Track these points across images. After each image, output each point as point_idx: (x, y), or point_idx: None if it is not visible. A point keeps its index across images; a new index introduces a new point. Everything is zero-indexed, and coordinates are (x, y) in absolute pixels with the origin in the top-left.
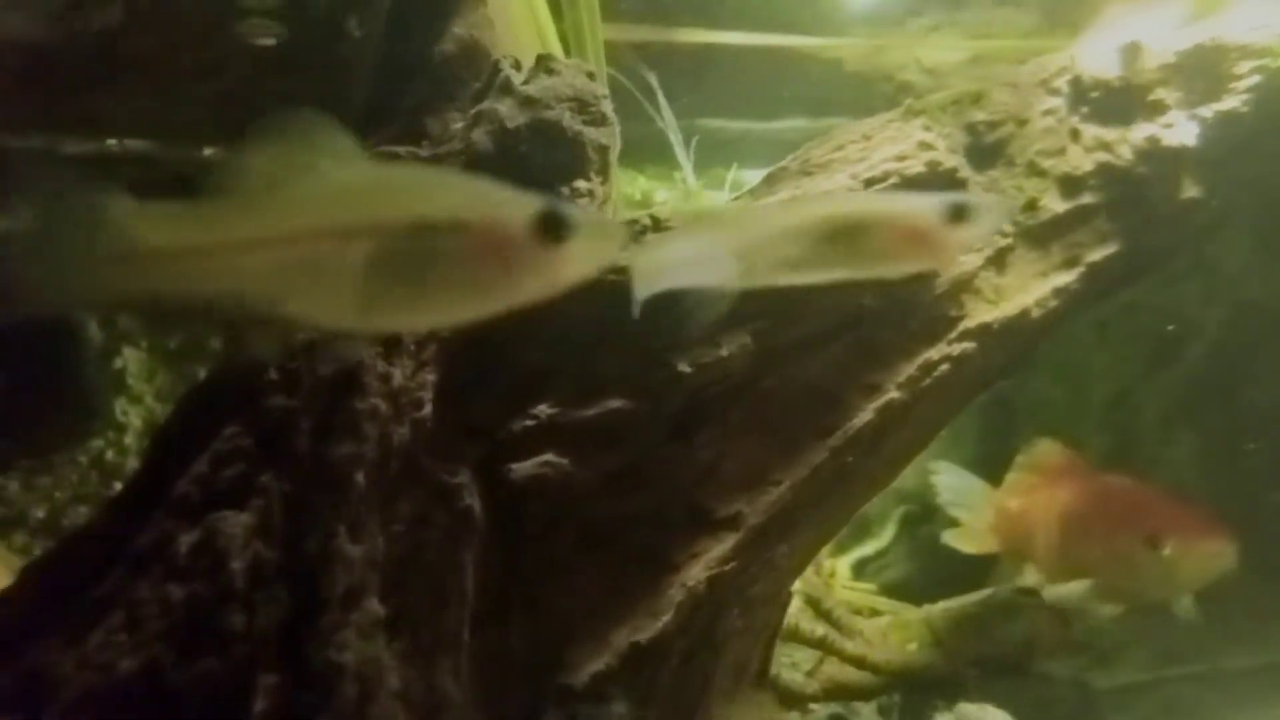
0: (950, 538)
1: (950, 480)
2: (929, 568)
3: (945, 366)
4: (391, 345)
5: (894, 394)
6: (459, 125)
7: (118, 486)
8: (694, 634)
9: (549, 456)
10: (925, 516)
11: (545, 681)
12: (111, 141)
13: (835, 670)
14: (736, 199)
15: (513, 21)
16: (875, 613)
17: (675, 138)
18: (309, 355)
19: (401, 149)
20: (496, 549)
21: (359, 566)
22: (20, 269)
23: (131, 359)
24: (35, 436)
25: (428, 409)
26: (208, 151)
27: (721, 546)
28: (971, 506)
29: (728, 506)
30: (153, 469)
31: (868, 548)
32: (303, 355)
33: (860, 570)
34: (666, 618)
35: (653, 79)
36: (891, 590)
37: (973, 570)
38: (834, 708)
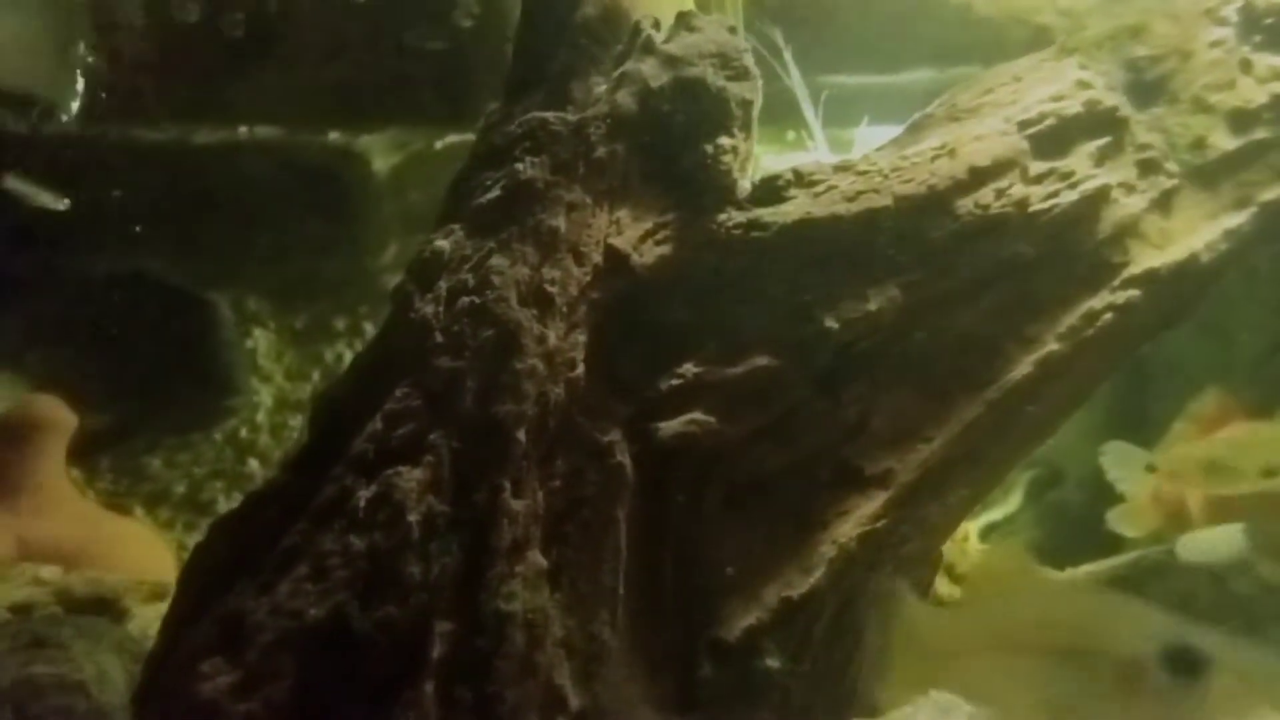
0: (1115, 519)
1: (1118, 456)
2: (1056, 533)
3: (1109, 316)
4: (545, 306)
5: (1054, 346)
6: (602, 88)
7: (252, 462)
8: (846, 590)
9: (696, 415)
10: (1053, 481)
11: (697, 634)
12: (242, 129)
13: None
14: (879, 150)
15: None
16: None
17: (803, 96)
18: (472, 317)
19: (551, 116)
20: (646, 505)
21: (523, 520)
22: None
23: (261, 339)
24: (180, 415)
25: (580, 369)
26: (331, 136)
27: (872, 504)
28: (1138, 479)
29: (877, 464)
30: (325, 430)
31: (995, 513)
32: (466, 318)
33: (987, 536)
34: (818, 574)
35: (778, 35)
36: None
37: (1101, 535)
38: None
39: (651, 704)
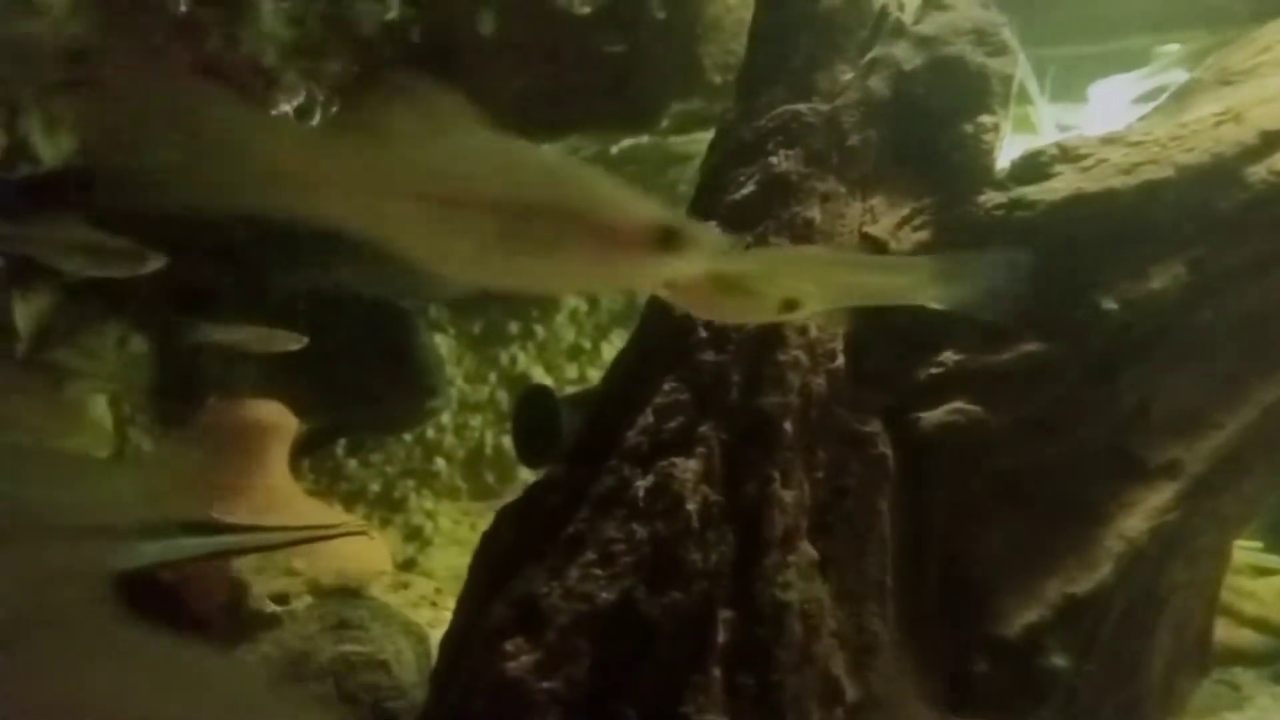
0: None
1: None
2: None
3: None
4: None
5: None
6: (849, 76)
7: (439, 461)
8: (1134, 588)
9: (959, 404)
10: None
11: (969, 630)
12: None
13: (1225, 634)
14: (1146, 120)
15: None
16: (1266, 571)
17: (1027, 72)
18: None
19: (804, 107)
20: (906, 497)
21: (792, 510)
22: None
23: (442, 344)
24: (387, 418)
25: (840, 359)
26: None
27: (1160, 496)
28: None
29: (1162, 452)
30: (595, 424)
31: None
32: None
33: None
34: (1105, 570)
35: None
36: None
37: None
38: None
39: (924, 699)
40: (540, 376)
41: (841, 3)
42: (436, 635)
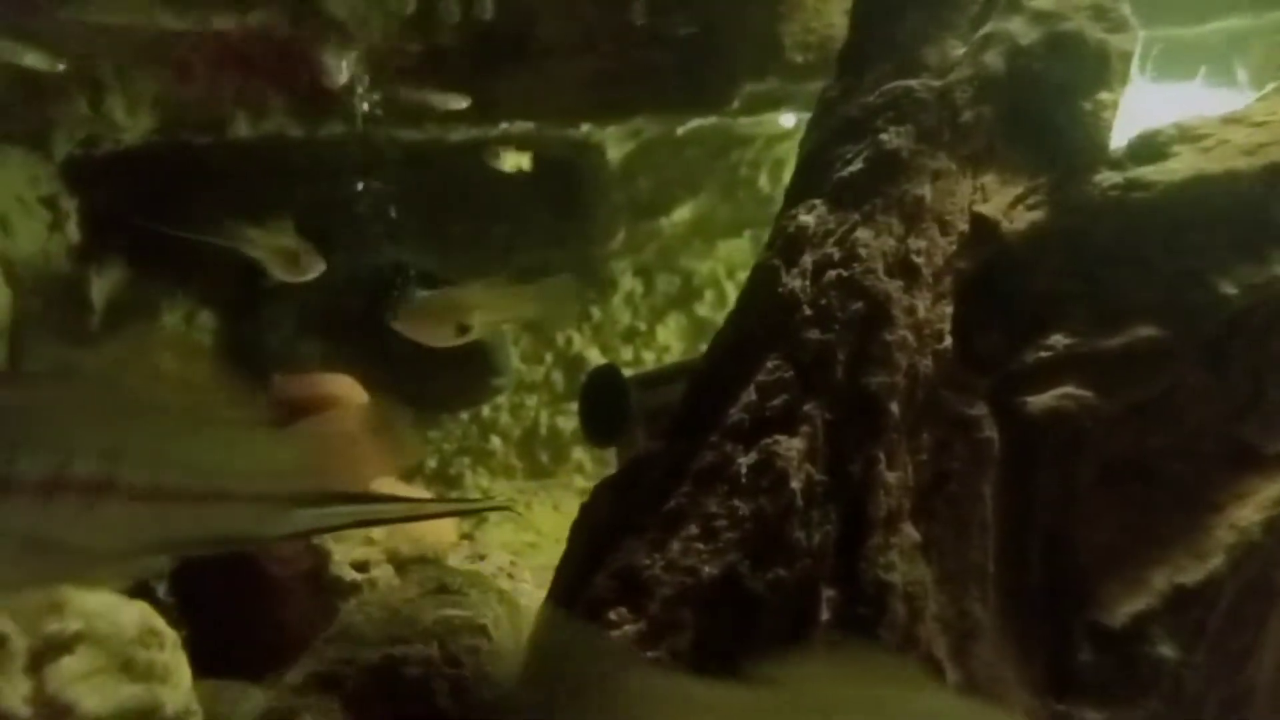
0: None
1: None
2: None
3: None
4: (912, 277)
5: None
6: (960, 52)
7: (494, 439)
8: (1246, 579)
9: (1069, 389)
10: None
11: (1071, 617)
12: (504, 125)
13: None
14: (1264, 100)
15: None
16: None
17: None
18: (839, 290)
19: (915, 83)
20: (1010, 481)
21: (896, 492)
22: None
23: None
24: (454, 394)
25: (947, 341)
26: (584, 128)
27: (1275, 486)
28: None
29: (1278, 442)
30: (695, 400)
31: None
32: (833, 291)
33: None
34: (1215, 560)
35: None
36: None
37: None
38: None
39: (1025, 686)
40: (596, 358)
41: None
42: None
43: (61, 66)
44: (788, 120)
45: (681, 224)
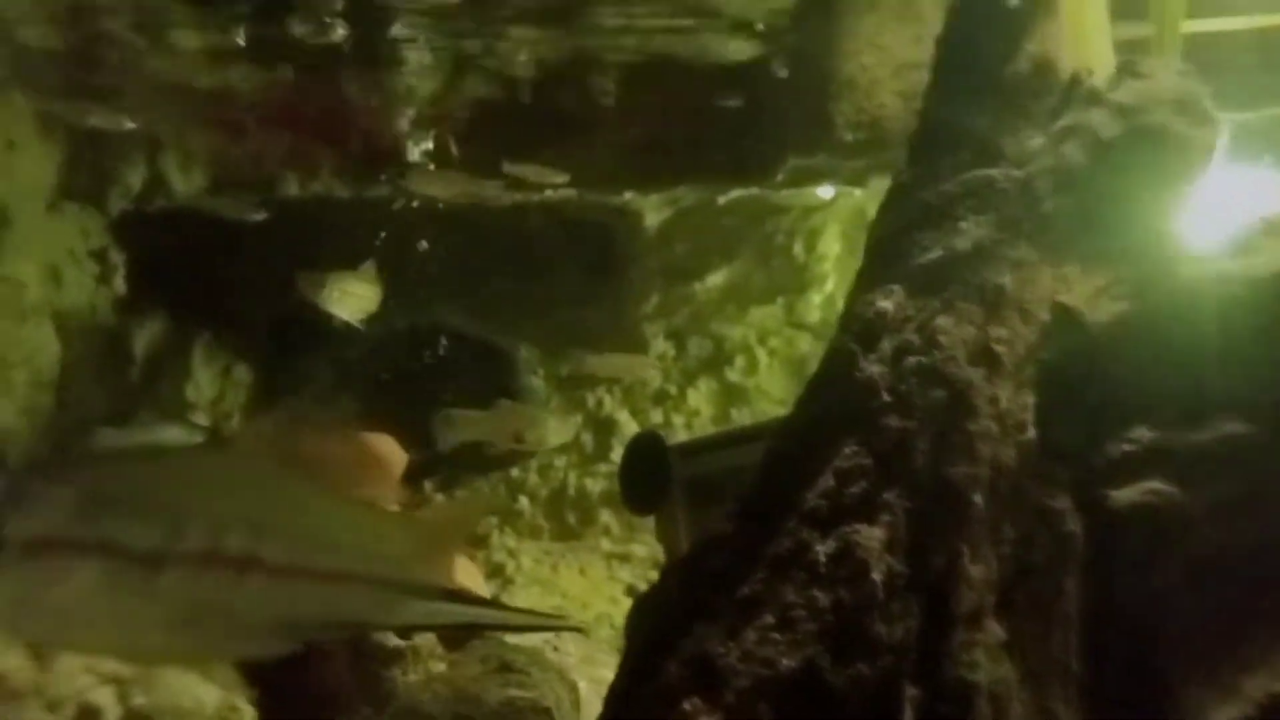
0: None
1: None
2: None
3: None
4: (993, 366)
5: None
6: (1037, 142)
7: (522, 499)
8: None
9: (1154, 484)
10: None
11: None
12: (549, 191)
13: None
14: None
15: (1083, 31)
16: None
17: None
18: (920, 377)
19: (996, 172)
20: (1092, 578)
21: (979, 587)
22: None
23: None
24: (486, 452)
25: (1030, 431)
26: (627, 196)
27: None
28: None
29: None
30: (769, 483)
31: None
32: (914, 377)
33: None
34: None
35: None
36: None
37: None
38: None
39: None
40: (626, 420)
41: (1029, 69)
42: None
43: (131, 126)
44: (826, 192)
45: (715, 289)
